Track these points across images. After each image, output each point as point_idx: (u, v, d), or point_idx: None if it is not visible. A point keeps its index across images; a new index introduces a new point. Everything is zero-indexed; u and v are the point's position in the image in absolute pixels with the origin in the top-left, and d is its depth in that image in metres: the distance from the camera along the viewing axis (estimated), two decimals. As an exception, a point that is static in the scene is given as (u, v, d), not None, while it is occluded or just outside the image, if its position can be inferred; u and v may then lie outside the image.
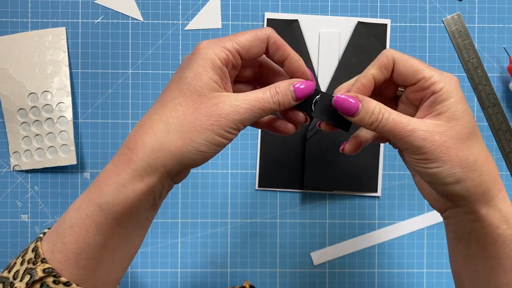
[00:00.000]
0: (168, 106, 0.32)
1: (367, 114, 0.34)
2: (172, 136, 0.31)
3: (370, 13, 0.57)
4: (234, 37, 0.34)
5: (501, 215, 0.35)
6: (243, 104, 0.33)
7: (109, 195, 0.31)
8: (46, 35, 0.57)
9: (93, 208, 0.32)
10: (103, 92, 0.57)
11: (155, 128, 0.32)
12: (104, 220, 0.32)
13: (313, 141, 0.56)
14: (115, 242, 0.33)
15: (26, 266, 0.32)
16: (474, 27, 0.58)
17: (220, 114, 0.32)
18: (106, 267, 0.34)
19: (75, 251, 0.32)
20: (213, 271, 0.58)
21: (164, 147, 0.31)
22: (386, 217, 0.58)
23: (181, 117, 0.32)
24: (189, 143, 0.31)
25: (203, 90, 0.32)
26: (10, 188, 0.57)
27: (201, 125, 0.32)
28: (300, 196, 0.58)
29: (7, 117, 0.56)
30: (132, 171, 0.31)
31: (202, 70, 0.32)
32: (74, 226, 0.32)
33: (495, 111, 0.57)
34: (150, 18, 0.57)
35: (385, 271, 0.58)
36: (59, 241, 0.32)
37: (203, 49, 0.33)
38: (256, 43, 0.34)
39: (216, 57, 0.33)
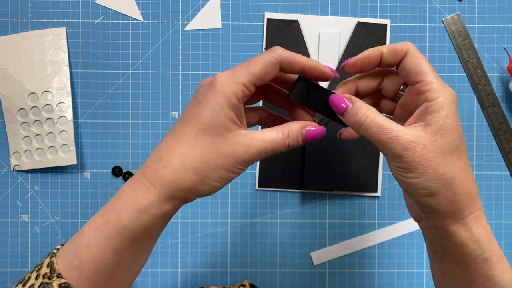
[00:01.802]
0: (186, 143, 0.34)
1: (354, 115, 0.35)
2: (189, 174, 0.34)
3: (370, 13, 0.57)
4: (248, 68, 0.34)
5: (471, 234, 0.35)
6: (256, 146, 0.35)
7: (127, 220, 0.34)
8: (46, 35, 0.57)
9: (111, 231, 0.34)
10: (103, 92, 0.57)
11: (174, 165, 0.34)
12: (121, 242, 0.34)
13: (313, 141, 0.56)
14: (129, 260, 0.35)
15: (42, 280, 0.34)
16: (474, 27, 0.58)
17: (233, 155, 0.34)
18: (117, 282, 0.36)
19: (91, 269, 0.34)
20: (213, 271, 0.58)
21: (182, 184, 0.34)
22: (386, 217, 0.58)
23: (198, 157, 0.34)
24: (205, 180, 0.34)
25: (220, 131, 0.34)
26: (10, 188, 0.57)
27: (217, 165, 0.34)
28: (300, 196, 0.58)
29: (7, 117, 0.56)
30: (150, 201, 0.34)
31: (220, 111, 0.34)
32: (91, 246, 0.34)
33: (495, 111, 0.57)
34: (150, 18, 0.57)
35: (385, 271, 0.58)
36: (75, 259, 0.34)
37: (221, 87, 0.34)
38: (269, 70, 0.35)
39: (233, 95, 0.34)
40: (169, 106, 0.57)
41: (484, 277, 0.35)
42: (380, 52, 0.37)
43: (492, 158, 0.58)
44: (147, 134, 0.57)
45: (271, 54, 0.35)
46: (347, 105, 0.36)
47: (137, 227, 0.34)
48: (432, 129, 0.34)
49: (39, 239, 0.57)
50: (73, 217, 0.57)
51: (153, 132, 0.57)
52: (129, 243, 0.34)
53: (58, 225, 0.57)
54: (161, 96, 0.57)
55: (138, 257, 0.36)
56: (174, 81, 0.57)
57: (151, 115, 0.57)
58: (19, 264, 0.57)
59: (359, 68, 0.38)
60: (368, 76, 0.40)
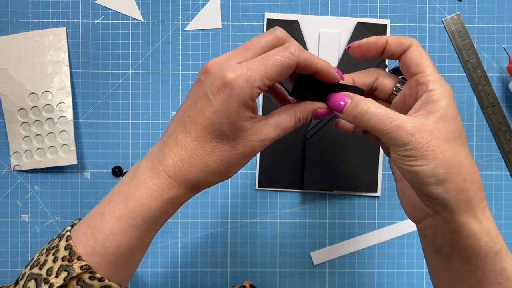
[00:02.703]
0: (205, 150, 0.35)
1: (354, 107, 0.35)
2: (211, 175, 0.35)
3: (370, 13, 0.58)
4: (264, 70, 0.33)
5: (482, 226, 0.34)
6: (268, 138, 0.36)
7: (154, 210, 0.35)
8: (47, 35, 0.57)
9: (137, 219, 0.35)
10: (104, 92, 0.57)
11: (197, 169, 0.35)
12: (147, 228, 0.35)
13: (313, 141, 0.56)
14: (149, 241, 0.37)
15: (61, 263, 0.34)
16: (473, 27, 0.58)
17: (250, 151, 0.35)
18: (135, 264, 0.38)
19: (116, 254, 0.35)
20: (213, 271, 0.58)
21: (205, 183, 0.36)
22: (386, 217, 0.58)
23: (219, 160, 0.35)
24: (224, 176, 0.36)
25: (238, 134, 0.34)
26: (10, 188, 0.57)
27: (236, 163, 0.35)
28: (300, 196, 0.58)
29: (8, 117, 0.57)
30: (174, 194, 0.35)
31: (236, 117, 0.33)
32: (116, 233, 0.35)
33: (495, 111, 0.57)
34: (150, 18, 0.57)
35: (385, 271, 0.58)
36: (98, 246, 0.35)
37: (237, 92, 0.33)
38: (285, 73, 0.34)
39: (249, 98, 0.33)
40: (169, 106, 0.57)
41: (496, 271, 0.34)
42: (386, 39, 0.38)
43: (492, 158, 0.58)
44: (147, 134, 0.57)
45: (288, 55, 0.34)
46: (345, 102, 0.36)
47: (163, 214, 0.36)
48: (435, 117, 0.34)
49: (39, 239, 0.57)
50: (73, 217, 0.57)
51: (153, 132, 0.57)
52: (152, 228, 0.36)
53: (58, 225, 0.57)
54: (161, 96, 0.58)
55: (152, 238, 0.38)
56: (174, 81, 0.58)
57: (151, 115, 0.57)
58: (19, 264, 0.57)
59: (363, 51, 0.38)
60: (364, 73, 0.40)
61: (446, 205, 0.34)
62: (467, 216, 0.34)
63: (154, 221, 0.36)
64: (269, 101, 0.57)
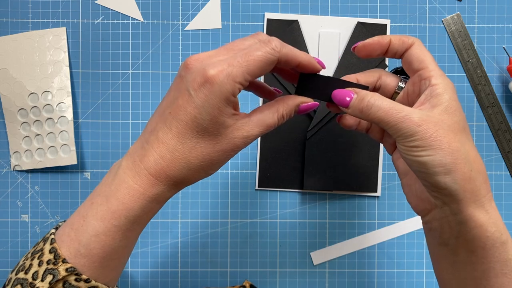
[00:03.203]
0: (186, 146, 0.34)
1: (360, 101, 0.36)
2: (193, 172, 0.35)
3: (369, 13, 0.58)
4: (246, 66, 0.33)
5: (489, 216, 0.34)
6: (251, 135, 0.36)
7: (137, 209, 0.35)
8: (47, 35, 0.57)
9: (120, 219, 0.35)
10: (103, 92, 0.57)
11: (177, 165, 0.35)
12: (130, 227, 0.35)
13: (313, 141, 0.57)
14: (133, 240, 0.37)
15: (46, 267, 0.34)
16: (473, 27, 0.58)
17: (233, 148, 0.35)
18: (121, 264, 0.37)
19: (101, 255, 0.35)
20: (213, 271, 0.58)
21: (187, 180, 0.36)
22: (386, 217, 0.58)
23: (201, 157, 0.35)
24: (207, 173, 0.36)
25: (219, 130, 0.34)
26: (10, 188, 0.57)
27: (218, 159, 0.35)
28: (300, 196, 0.58)
29: (8, 117, 0.57)
30: (157, 192, 0.35)
31: (217, 113, 0.33)
32: (100, 234, 0.35)
33: (495, 111, 0.57)
34: (150, 18, 0.58)
35: (385, 271, 0.58)
36: (82, 248, 0.35)
37: (218, 87, 0.33)
38: (266, 68, 0.34)
39: (230, 94, 0.33)
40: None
41: (502, 262, 0.35)
42: (389, 39, 0.38)
43: (492, 158, 0.58)
44: (147, 134, 0.57)
45: (270, 51, 0.34)
46: (351, 97, 0.37)
47: (146, 212, 0.36)
48: (440, 109, 0.35)
49: (39, 239, 0.57)
50: (73, 217, 0.57)
51: (153, 132, 0.57)
52: (136, 227, 0.36)
53: (58, 225, 0.57)
54: (161, 96, 0.58)
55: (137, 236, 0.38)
56: (174, 81, 0.58)
57: (151, 115, 0.57)
58: (19, 264, 0.57)
59: (368, 51, 0.39)
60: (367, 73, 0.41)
61: (453, 195, 0.34)
62: (474, 206, 0.34)
63: (138, 220, 0.35)
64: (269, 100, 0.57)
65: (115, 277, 0.37)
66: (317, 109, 0.56)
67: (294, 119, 0.57)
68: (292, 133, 0.57)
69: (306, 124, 0.57)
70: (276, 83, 0.57)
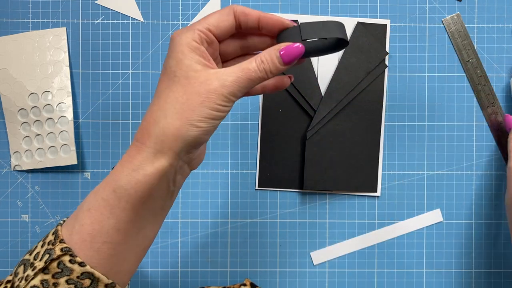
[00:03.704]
0: (162, 96, 0.35)
1: None
2: (170, 120, 0.34)
3: (369, 13, 0.58)
4: (202, 19, 0.36)
5: None
6: (229, 77, 0.34)
7: (123, 180, 0.34)
8: (47, 35, 0.57)
9: (108, 192, 0.34)
10: (104, 92, 0.58)
11: (155, 117, 0.34)
12: (117, 203, 0.34)
13: (313, 141, 0.57)
14: (128, 226, 0.35)
15: (46, 247, 0.34)
16: (473, 27, 0.58)
17: (209, 90, 0.34)
18: (119, 254, 0.35)
19: (90, 232, 0.34)
20: (213, 271, 0.58)
21: (166, 132, 0.34)
22: (386, 217, 0.58)
23: (174, 101, 0.34)
24: (186, 121, 0.33)
25: (188, 73, 0.34)
26: (10, 188, 0.57)
27: (193, 104, 0.34)
28: (300, 196, 0.58)
29: (8, 117, 0.57)
30: (142, 158, 0.34)
31: (182, 56, 0.34)
32: (91, 209, 0.34)
33: (495, 111, 0.57)
34: (151, 18, 0.58)
35: (385, 271, 0.58)
36: (77, 223, 0.34)
37: (177, 37, 0.35)
38: (223, 17, 0.36)
39: (190, 39, 0.35)
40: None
41: None
42: None
43: (492, 158, 0.58)
44: (147, 134, 0.57)
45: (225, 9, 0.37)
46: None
47: (133, 186, 0.34)
48: None
49: (39, 239, 0.57)
50: (73, 217, 0.57)
51: (153, 132, 0.57)
52: (126, 204, 0.34)
53: (59, 225, 0.57)
54: (161, 96, 0.58)
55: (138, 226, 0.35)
56: (174, 81, 0.58)
57: (151, 115, 0.57)
58: (19, 264, 0.57)
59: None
60: None
61: None
62: None
63: (125, 196, 0.34)
64: (269, 100, 0.57)
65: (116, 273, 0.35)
66: (317, 109, 0.56)
67: (294, 119, 0.57)
68: (292, 133, 0.57)
69: (306, 124, 0.57)
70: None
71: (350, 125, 0.57)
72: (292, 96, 0.57)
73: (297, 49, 0.36)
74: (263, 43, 0.40)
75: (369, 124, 0.57)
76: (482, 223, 0.58)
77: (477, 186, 0.58)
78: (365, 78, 0.56)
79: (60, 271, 0.33)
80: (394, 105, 0.57)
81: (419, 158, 0.58)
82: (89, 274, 0.33)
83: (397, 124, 0.58)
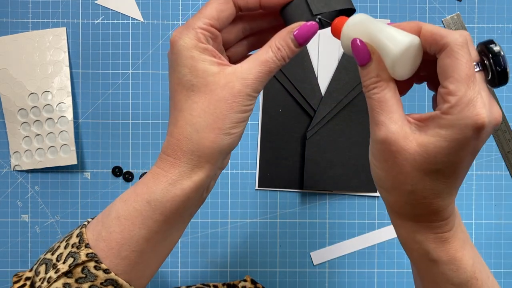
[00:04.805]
0: (185, 109, 0.33)
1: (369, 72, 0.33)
2: (203, 134, 0.32)
3: (369, 13, 0.58)
4: (199, 14, 0.33)
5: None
6: (250, 75, 0.33)
7: (158, 193, 0.33)
8: (47, 35, 0.57)
9: (141, 202, 0.33)
10: (104, 92, 0.58)
11: (186, 134, 0.33)
12: (151, 214, 0.33)
13: (313, 141, 0.57)
14: (158, 237, 0.34)
15: (70, 250, 0.33)
16: (473, 27, 0.58)
17: (233, 94, 0.32)
18: (145, 261, 0.34)
19: (119, 241, 0.33)
20: (213, 271, 0.58)
21: (201, 147, 0.32)
22: (386, 217, 0.58)
23: (202, 114, 0.32)
24: (220, 132, 0.32)
25: (207, 79, 0.32)
26: (10, 188, 0.57)
27: (222, 112, 0.32)
28: (300, 196, 0.58)
29: (8, 117, 0.57)
30: (179, 173, 0.33)
31: (192, 61, 0.32)
32: (120, 217, 0.33)
33: (495, 111, 0.57)
34: (150, 18, 0.58)
35: (385, 271, 0.58)
36: (104, 230, 0.33)
37: (179, 41, 0.33)
38: (221, 6, 0.34)
39: (195, 41, 0.32)
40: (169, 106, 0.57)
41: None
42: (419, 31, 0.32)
43: (492, 158, 0.58)
44: (147, 134, 0.57)
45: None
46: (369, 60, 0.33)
47: (169, 200, 0.33)
48: (423, 142, 0.30)
49: (39, 239, 0.57)
50: (73, 217, 0.57)
51: (153, 132, 0.57)
52: (159, 216, 0.33)
53: (58, 225, 0.57)
54: (161, 96, 0.58)
55: (167, 234, 0.35)
56: (174, 81, 0.58)
57: (151, 115, 0.58)
58: (19, 264, 0.57)
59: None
60: None
61: None
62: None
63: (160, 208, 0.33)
64: (269, 100, 0.57)
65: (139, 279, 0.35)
66: (317, 109, 0.56)
67: (294, 119, 0.57)
68: (292, 133, 0.57)
69: (306, 124, 0.57)
70: (276, 82, 0.57)
71: (350, 125, 0.57)
72: (292, 96, 0.57)
73: (311, 27, 0.34)
74: (267, 21, 0.38)
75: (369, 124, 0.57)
76: (482, 223, 0.58)
77: (477, 186, 0.58)
78: (365, 78, 0.56)
79: (84, 277, 0.33)
80: (394, 105, 0.57)
81: (419, 158, 0.58)
82: (112, 281, 0.33)
83: (397, 124, 0.58)
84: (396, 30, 0.32)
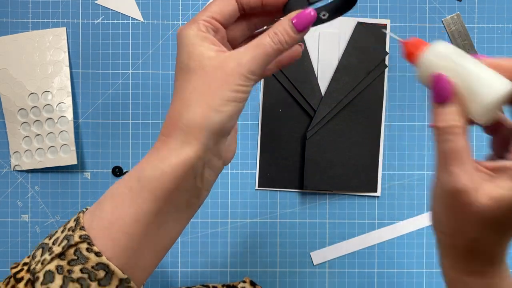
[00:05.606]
0: (180, 90, 0.34)
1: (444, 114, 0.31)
2: (192, 109, 0.33)
3: (369, 13, 0.58)
4: (204, 9, 0.35)
5: None
6: (245, 56, 0.33)
7: (148, 170, 0.33)
8: (47, 35, 0.57)
9: (133, 181, 0.33)
10: (104, 92, 0.58)
11: (178, 110, 0.34)
12: (139, 192, 0.33)
13: (313, 141, 0.57)
14: (148, 219, 0.33)
15: (66, 233, 0.34)
16: (473, 27, 0.58)
17: (226, 72, 0.33)
18: (136, 248, 0.34)
19: (109, 219, 0.33)
20: (213, 271, 0.58)
21: (191, 122, 0.33)
22: (386, 217, 0.58)
23: (194, 91, 0.33)
24: (208, 107, 0.33)
25: (202, 62, 0.33)
26: (10, 188, 0.57)
27: (212, 89, 0.33)
28: (300, 196, 0.58)
29: (8, 117, 0.57)
30: (168, 149, 0.33)
31: (192, 47, 0.34)
32: (114, 195, 0.34)
33: (495, 111, 0.57)
34: (150, 18, 0.58)
35: (385, 271, 0.58)
36: (98, 209, 0.34)
37: (183, 31, 0.34)
38: (224, 3, 0.35)
39: (196, 30, 0.34)
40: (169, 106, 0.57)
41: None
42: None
43: (492, 158, 0.58)
44: (147, 134, 0.57)
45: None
46: (450, 100, 0.31)
47: (157, 176, 0.33)
48: (496, 197, 0.30)
49: (40, 239, 0.57)
50: (73, 217, 0.57)
51: (153, 132, 0.57)
52: (148, 195, 0.33)
53: (59, 225, 0.57)
54: (161, 96, 0.58)
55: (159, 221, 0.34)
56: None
57: (151, 115, 0.58)
58: (19, 264, 0.57)
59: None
60: None
61: None
62: None
63: (148, 185, 0.33)
64: (269, 100, 0.57)
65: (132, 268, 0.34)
66: (317, 109, 0.56)
67: (294, 119, 0.57)
68: (292, 133, 0.57)
69: (306, 124, 0.57)
70: (276, 82, 0.57)
71: (350, 125, 0.57)
72: (292, 96, 0.57)
73: (309, 14, 0.35)
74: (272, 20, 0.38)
75: (369, 124, 0.57)
76: None
77: None
78: (365, 78, 0.56)
79: (76, 259, 0.32)
80: (394, 105, 0.57)
81: (419, 158, 0.58)
82: (104, 266, 0.32)
83: (397, 124, 0.58)
84: (492, 73, 0.29)
